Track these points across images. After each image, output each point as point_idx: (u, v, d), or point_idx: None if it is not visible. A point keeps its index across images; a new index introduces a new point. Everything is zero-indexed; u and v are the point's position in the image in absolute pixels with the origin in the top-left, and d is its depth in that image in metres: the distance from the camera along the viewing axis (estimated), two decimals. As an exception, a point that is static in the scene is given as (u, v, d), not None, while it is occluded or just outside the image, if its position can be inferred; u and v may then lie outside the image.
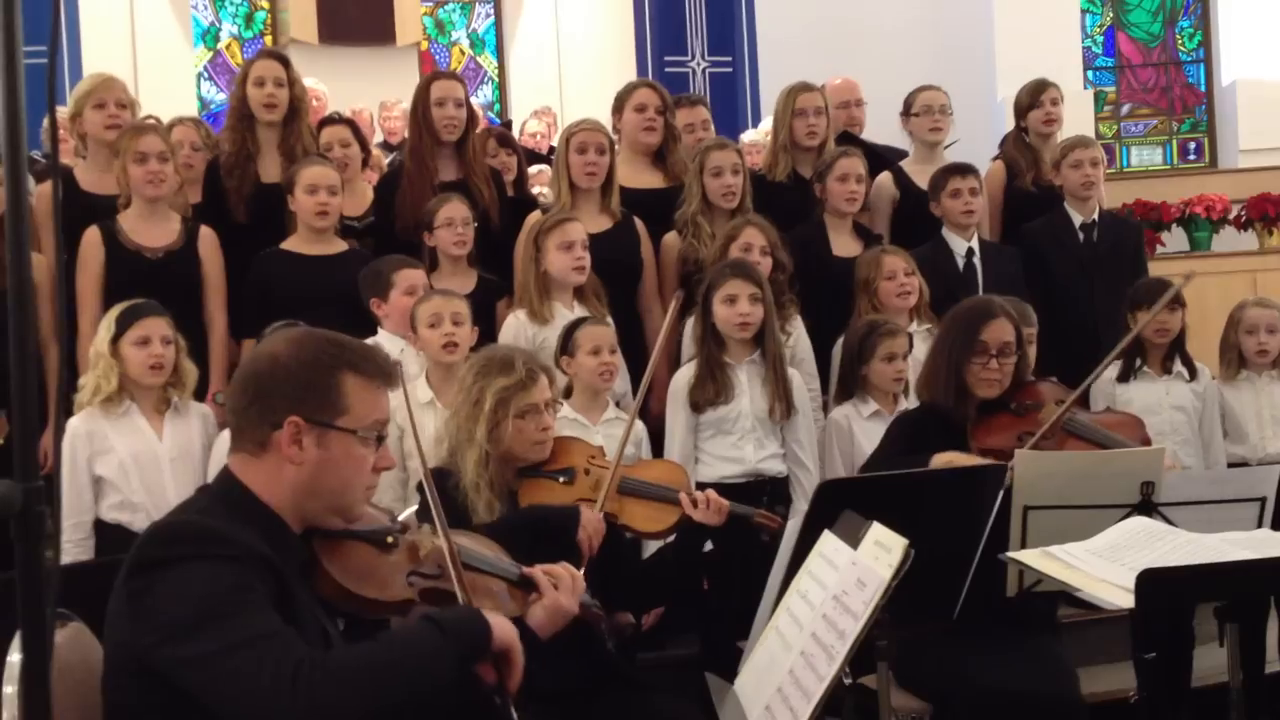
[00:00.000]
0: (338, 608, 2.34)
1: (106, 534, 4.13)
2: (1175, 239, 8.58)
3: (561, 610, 2.56)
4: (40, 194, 4.94)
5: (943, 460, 3.65)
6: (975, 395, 3.80)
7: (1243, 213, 8.48)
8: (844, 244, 5.33)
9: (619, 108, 5.53)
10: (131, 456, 4.15)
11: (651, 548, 3.86)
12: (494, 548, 2.74)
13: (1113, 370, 4.90)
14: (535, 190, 6.59)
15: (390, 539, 2.40)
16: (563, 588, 2.57)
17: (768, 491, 4.27)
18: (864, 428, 4.52)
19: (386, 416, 2.33)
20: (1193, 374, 4.96)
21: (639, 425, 4.43)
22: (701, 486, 4.13)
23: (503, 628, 2.23)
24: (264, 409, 2.23)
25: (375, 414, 2.29)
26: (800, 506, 4.19)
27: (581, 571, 2.68)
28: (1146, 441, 3.97)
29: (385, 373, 2.33)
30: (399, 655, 2.09)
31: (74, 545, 4.08)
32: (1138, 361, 4.91)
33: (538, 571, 2.60)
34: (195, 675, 1.99)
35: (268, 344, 2.34)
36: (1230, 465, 4.76)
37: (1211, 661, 4.34)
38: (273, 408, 2.22)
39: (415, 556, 2.43)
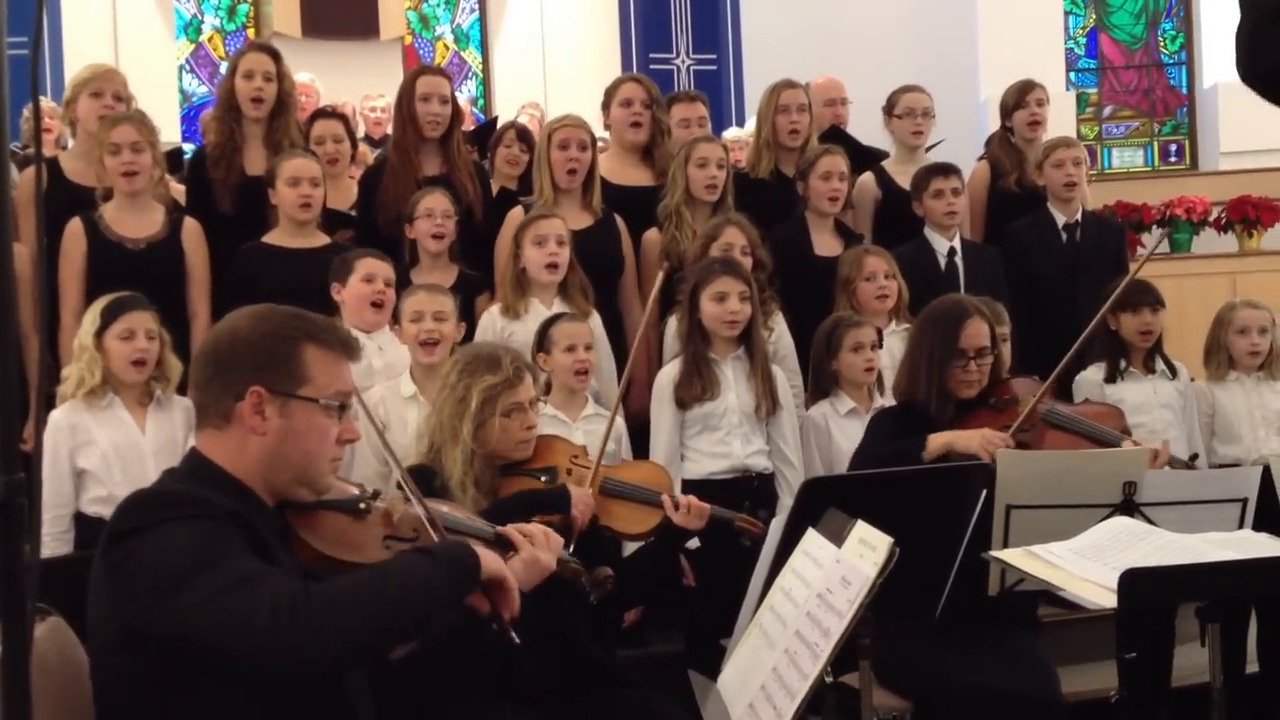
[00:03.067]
0: (319, 575, 2.35)
1: (87, 526, 4.10)
2: (1156, 240, 8.61)
3: (540, 564, 2.58)
4: (22, 181, 4.91)
5: (939, 442, 3.68)
6: (955, 396, 3.83)
7: (1223, 215, 8.52)
8: (825, 243, 5.33)
9: (607, 104, 5.56)
10: (114, 449, 4.13)
11: (631, 548, 3.85)
12: (464, 511, 2.82)
13: (1099, 372, 4.91)
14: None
15: (363, 505, 2.44)
16: (539, 543, 2.60)
17: (752, 492, 4.26)
18: (841, 425, 4.52)
19: (349, 387, 2.35)
20: (1174, 373, 4.97)
21: (619, 422, 4.43)
22: (689, 483, 4.16)
23: (490, 558, 2.28)
24: (226, 381, 2.25)
25: (337, 384, 2.31)
26: (785, 503, 4.20)
27: (570, 549, 2.72)
28: (1126, 430, 3.99)
29: (345, 344, 2.37)
30: (394, 581, 2.12)
31: (53, 538, 4.05)
32: (1123, 363, 4.91)
33: (513, 530, 2.64)
34: (192, 623, 2.01)
35: (229, 319, 2.36)
36: (1223, 466, 4.76)
37: (1191, 661, 4.37)
38: (235, 379, 2.24)
39: (389, 522, 2.48)
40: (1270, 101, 1.67)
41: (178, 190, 5.39)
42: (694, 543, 4.04)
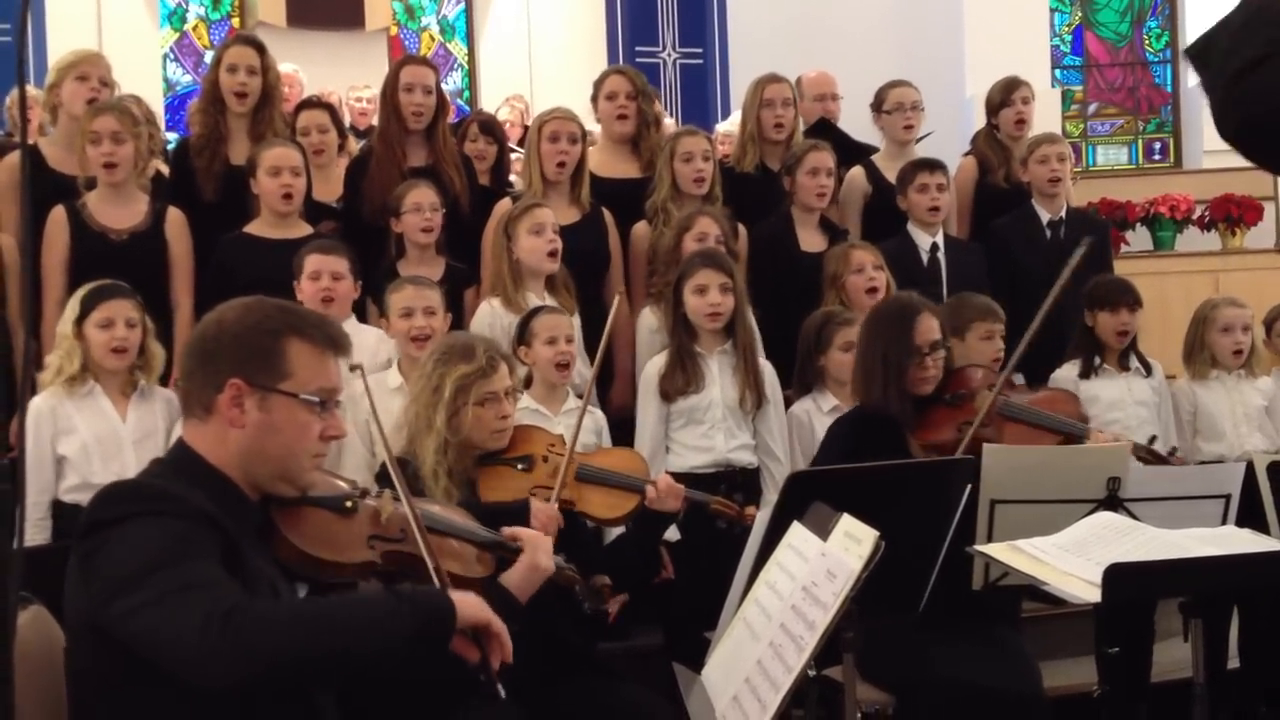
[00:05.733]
0: (299, 573, 2.35)
1: (65, 515, 4.09)
2: (1139, 238, 8.65)
3: (539, 569, 2.63)
4: (4, 167, 4.87)
5: None
6: (912, 394, 3.83)
7: (1206, 213, 8.56)
8: (810, 238, 5.32)
9: (595, 97, 5.54)
10: (93, 437, 4.12)
11: (611, 535, 3.86)
12: (460, 513, 2.79)
13: (1074, 369, 4.93)
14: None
15: (349, 504, 2.42)
16: (530, 547, 2.64)
17: (727, 480, 4.26)
18: (824, 422, 4.48)
19: (334, 384, 2.31)
20: (1148, 370, 4.99)
21: (599, 415, 4.42)
22: (672, 476, 4.15)
23: (470, 604, 2.18)
24: (208, 372, 2.24)
25: (320, 380, 2.28)
26: (770, 497, 4.19)
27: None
28: (1082, 415, 3.99)
29: (333, 340, 2.32)
30: (344, 612, 2.08)
31: (31, 524, 4.02)
32: (1097, 360, 4.93)
33: (515, 531, 2.67)
34: (132, 625, 1.98)
35: (216, 310, 2.33)
36: (1208, 463, 4.77)
37: (1172, 656, 4.39)
38: (216, 370, 2.23)
39: (377, 521, 2.45)
40: (1249, 157, 1.60)
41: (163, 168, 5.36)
42: (674, 535, 4.06)
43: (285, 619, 2.02)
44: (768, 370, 4.49)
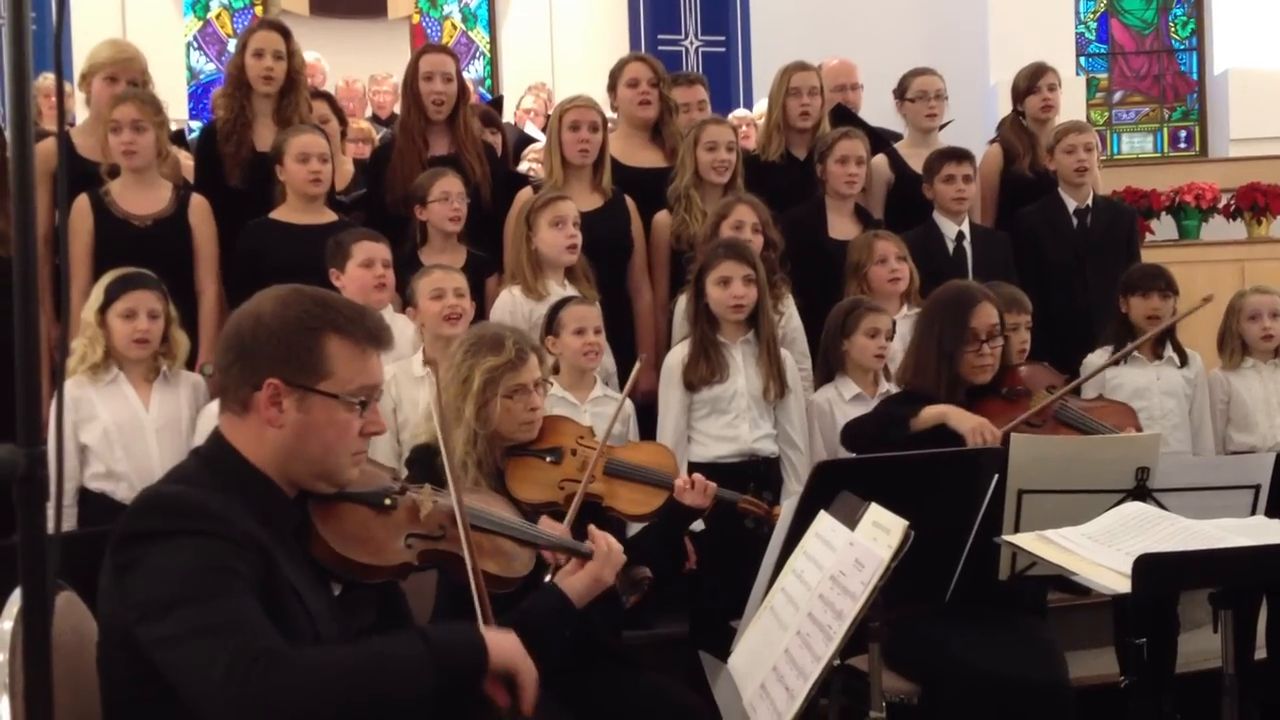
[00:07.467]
0: (335, 572, 2.29)
1: (90, 502, 4.12)
2: (1164, 227, 8.59)
3: (602, 583, 2.61)
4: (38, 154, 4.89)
5: (933, 413, 3.70)
6: (967, 382, 3.82)
7: (1232, 202, 8.49)
8: (842, 226, 5.30)
9: (613, 85, 5.54)
10: (116, 425, 4.13)
11: (633, 527, 3.85)
12: (504, 505, 2.74)
13: (1103, 355, 4.91)
14: (524, 167, 6.56)
15: (388, 500, 2.34)
16: (600, 556, 2.60)
17: (755, 476, 4.24)
18: (845, 411, 4.47)
19: (375, 381, 2.24)
20: (1184, 360, 4.97)
21: (627, 404, 4.42)
22: (695, 466, 4.15)
23: (504, 648, 2.11)
24: (245, 369, 2.17)
25: (361, 378, 2.21)
26: (792, 487, 4.21)
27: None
28: (1138, 429, 3.98)
29: (374, 336, 2.24)
30: (372, 663, 2.00)
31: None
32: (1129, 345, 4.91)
33: (594, 535, 2.63)
34: (161, 655, 1.96)
35: (254, 302, 2.25)
36: (1239, 453, 4.75)
37: (1197, 647, 4.38)
38: (254, 368, 2.16)
39: (415, 517, 2.37)
40: None
41: (187, 168, 5.37)
42: (698, 525, 4.05)
43: (313, 670, 1.95)
44: (788, 359, 4.48)
